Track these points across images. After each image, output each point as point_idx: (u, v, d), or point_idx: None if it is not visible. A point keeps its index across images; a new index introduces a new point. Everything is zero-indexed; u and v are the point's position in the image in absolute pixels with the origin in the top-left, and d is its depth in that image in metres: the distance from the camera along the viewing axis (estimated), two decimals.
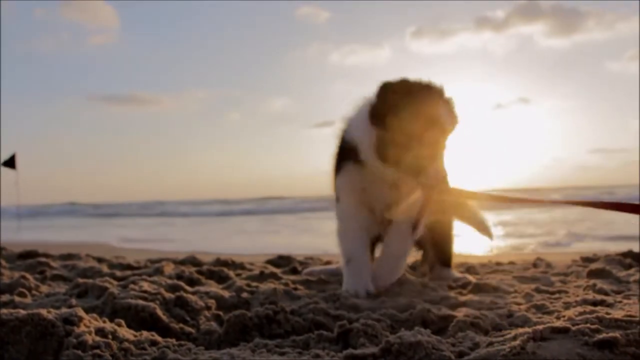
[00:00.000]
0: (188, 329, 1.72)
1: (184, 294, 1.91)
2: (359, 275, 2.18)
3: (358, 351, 1.27)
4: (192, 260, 3.28)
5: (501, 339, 1.30)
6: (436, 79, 2.10)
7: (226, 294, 2.08)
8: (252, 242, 8.07)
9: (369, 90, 2.13)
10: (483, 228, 2.76)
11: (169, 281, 2.20)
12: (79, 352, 1.24)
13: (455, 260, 2.81)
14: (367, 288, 2.14)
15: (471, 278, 2.56)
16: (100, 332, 1.36)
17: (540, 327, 1.26)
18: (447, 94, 2.11)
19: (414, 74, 2.08)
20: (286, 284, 2.37)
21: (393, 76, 2.08)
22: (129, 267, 3.16)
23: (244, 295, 2.08)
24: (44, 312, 1.34)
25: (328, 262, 3.23)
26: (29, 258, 3.33)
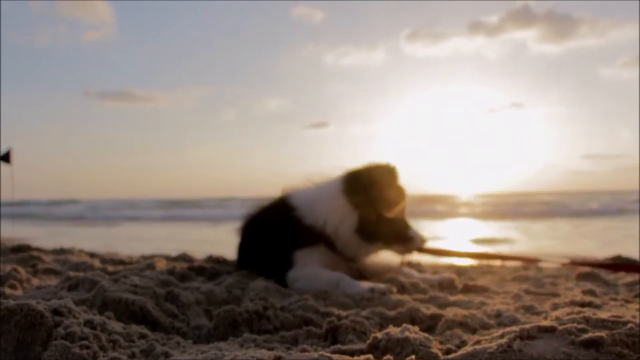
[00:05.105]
0: (178, 323, 1.72)
1: (175, 289, 1.91)
2: (356, 283, 2.19)
3: (346, 347, 1.28)
4: (184, 257, 3.29)
5: (488, 337, 1.31)
6: (430, 83, 2.15)
7: (217, 289, 2.08)
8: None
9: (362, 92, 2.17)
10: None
11: (161, 276, 2.19)
12: (67, 342, 1.24)
13: (446, 263, 2.81)
14: (368, 288, 2.13)
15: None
16: (89, 323, 1.36)
17: (527, 325, 1.26)
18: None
19: (408, 77, 2.11)
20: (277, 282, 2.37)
21: (387, 78, 2.12)
22: (121, 262, 3.15)
23: (235, 291, 2.09)
24: (33, 302, 1.34)
25: None
26: (22, 252, 3.32)
